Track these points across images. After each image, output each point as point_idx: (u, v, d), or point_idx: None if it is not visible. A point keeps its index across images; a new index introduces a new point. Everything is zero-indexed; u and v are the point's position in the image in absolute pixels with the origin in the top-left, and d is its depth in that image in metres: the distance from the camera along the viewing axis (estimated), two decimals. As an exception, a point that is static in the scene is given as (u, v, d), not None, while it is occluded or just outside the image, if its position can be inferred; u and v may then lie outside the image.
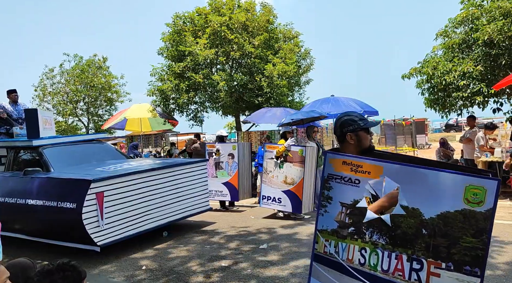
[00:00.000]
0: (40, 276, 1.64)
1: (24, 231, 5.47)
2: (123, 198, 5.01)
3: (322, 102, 9.49)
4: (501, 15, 8.40)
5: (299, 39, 14.06)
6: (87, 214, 4.60)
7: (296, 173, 6.52)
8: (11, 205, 5.35)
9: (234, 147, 7.87)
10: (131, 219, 5.13)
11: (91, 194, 4.63)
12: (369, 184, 1.81)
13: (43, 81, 20.86)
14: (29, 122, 6.16)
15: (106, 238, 4.82)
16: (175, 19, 13.29)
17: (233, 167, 7.82)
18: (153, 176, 5.46)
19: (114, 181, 4.92)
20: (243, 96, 12.78)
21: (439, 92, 9.31)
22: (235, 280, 4.04)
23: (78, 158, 6.10)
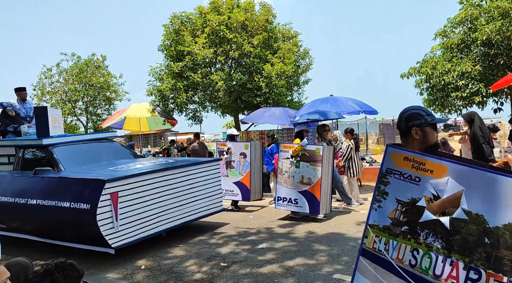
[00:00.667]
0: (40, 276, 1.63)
1: (35, 232, 5.31)
2: (137, 198, 4.88)
3: (321, 102, 9.47)
4: (500, 15, 8.42)
5: (298, 39, 14.06)
6: (101, 215, 4.45)
7: (313, 173, 6.31)
8: (21, 205, 5.18)
9: (246, 146, 7.72)
10: (146, 220, 4.98)
11: (106, 194, 4.48)
12: (431, 183, 1.71)
13: (42, 80, 20.82)
14: (39, 120, 6.00)
15: (120, 240, 4.67)
16: (173, 19, 13.28)
17: (245, 166, 7.69)
18: (167, 175, 5.31)
19: (128, 181, 4.77)
20: (242, 96, 12.78)
21: (438, 92, 9.33)
22: (233, 279, 4.04)
23: (88, 157, 5.95)
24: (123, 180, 4.70)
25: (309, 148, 6.38)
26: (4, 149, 6.09)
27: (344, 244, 5.02)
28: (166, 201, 5.26)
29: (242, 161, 7.72)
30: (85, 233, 4.70)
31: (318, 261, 4.43)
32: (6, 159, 6.03)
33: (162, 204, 5.20)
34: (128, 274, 4.40)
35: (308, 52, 14.17)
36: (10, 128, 6.72)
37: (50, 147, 5.62)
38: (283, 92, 12.65)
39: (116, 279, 4.29)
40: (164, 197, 5.23)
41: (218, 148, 8.09)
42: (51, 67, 20.75)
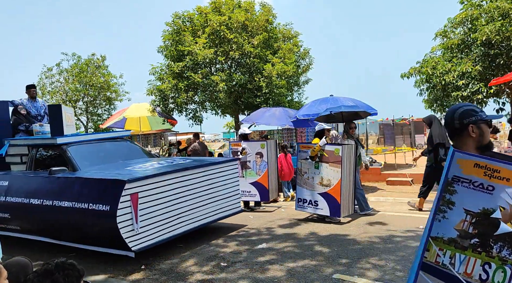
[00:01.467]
0: (40, 276, 1.63)
1: (50, 234, 5.12)
2: (157, 199, 4.70)
3: (321, 102, 9.48)
4: (500, 15, 8.43)
5: (298, 39, 14.07)
6: (121, 217, 4.26)
7: (332, 174, 6.05)
8: (36, 206, 5.00)
9: (262, 145, 7.51)
10: (165, 222, 4.80)
11: (126, 195, 4.30)
12: (507, 192, 1.58)
13: (42, 80, 20.84)
14: (53, 118, 5.80)
15: (140, 242, 4.49)
16: (175, 18, 13.29)
17: (262, 166, 7.50)
18: (187, 175, 5.15)
19: (148, 181, 4.60)
20: (242, 96, 12.79)
21: (438, 92, 9.34)
22: (233, 280, 4.05)
23: (103, 156, 5.79)
24: (143, 180, 4.53)
25: (328, 148, 6.14)
26: (17, 148, 5.94)
27: (344, 245, 5.02)
28: (185, 202, 5.10)
29: (259, 160, 7.51)
30: (104, 235, 4.53)
31: (318, 262, 4.43)
32: (18, 159, 5.89)
33: (182, 205, 5.04)
34: (128, 273, 4.41)
35: (308, 52, 14.19)
36: (21, 127, 6.57)
37: (64, 146, 5.47)
38: (283, 93, 12.65)
39: (116, 279, 4.30)
40: (183, 198, 5.07)
41: (231, 148, 7.86)
42: (51, 67, 20.79)
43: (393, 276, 3.91)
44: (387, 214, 6.74)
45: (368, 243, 5.03)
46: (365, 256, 4.53)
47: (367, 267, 4.19)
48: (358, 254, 4.62)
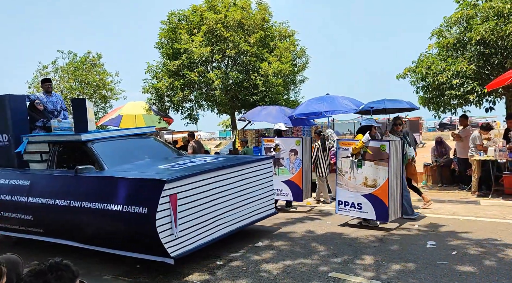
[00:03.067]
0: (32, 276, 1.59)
1: (77, 238, 4.75)
2: (195, 200, 4.38)
3: (317, 100, 9.51)
4: (495, 15, 8.47)
5: (294, 38, 14.07)
6: (160, 220, 3.94)
7: (378, 173, 5.50)
8: (62, 208, 4.65)
9: (297, 142, 7.14)
10: (203, 225, 4.49)
11: (165, 196, 3.97)
12: None
13: (37, 78, 20.70)
14: (77, 113, 5.38)
15: (179, 248, 4.17)
16: (170, 17, 13.25)
17: (296, 164, 7.13)
18: (225, 174, 4.83)
19: (187, 181, 4.26)
20: (239, 95, 12.78)
21: (433, 91, 9.38)
22: (230, 278, 4.05)
23: (129, 154, 5.44)
24: (182, 180, 4.19)
25: (372, 144, 5.61)
26: (36, 145, 5.59)
27: (340, 243, 5.04)
28: (223, 203, 4.77)
29: (293, 158, 7.15)
30: (140, 240, 4.18)
31: (314, 260, 4.45)
32: (37, 156, 5.56)
33: (219, 207, 4.72)
34: (124, 273, 4.40)
35: (305, 51, 14.20)
36: (39, 123, 6.21)
37: (89, 143, 5.14)
38: (280, 91, 12.66)
39: (112, 278, 4.29)
40: (221, 198, 4.75)
41: (264, 144, 7.50)
42: (47, 65, 20.64)
43: (389, 275, 3.93)
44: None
45: (364, 242, 5.05)
46: (360, 254, 4.56)
47: (363, 265, 4.21)
48: (354, 252, 4.64)
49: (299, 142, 7.15)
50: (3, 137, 5.86)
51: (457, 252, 4.46)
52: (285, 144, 7.27)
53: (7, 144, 5.81)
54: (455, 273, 3.85)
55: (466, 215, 6.16)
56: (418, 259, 4.28)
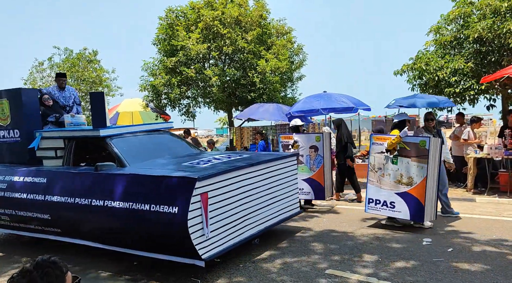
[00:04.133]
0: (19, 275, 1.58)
1: (97, 238, 4.51)
2: (225, 199, 4.19)
3: (314, 98, 9.49)
4: (492, 12, 8.50)
5: (292, 35, 14.06)
6: (192, 220, 3.74)
7: (416, 171, 5.18)
8: (83, 207, 4.39)
9: (317, 138, 6.83)
10: (232, 225, 4.30)
11: (196, 195, 3.78)
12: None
13: (33, 74, 20.58)
14: (95, 108, 5.13)
15: (210, 249, 3.98)
16: (168, 12, 13.20)
17: (317, 161, 6.82)
18: (253, 172, 4.62)
19: (218, 179, 4.08)
20: (236, 92, 12.76)
21: (431, 89, 9.41)
22: (226, 275, 4.06)
23: (149, 150, 5.20)
24: (213, 178, 4.01)
25: (410, 140, 5.29)
26: (50, 141, 5.34)
27: (337, 241, 5.06)
28: (252, 201, 4.59)
29: (313, 155, 6.84)
30: (168, 241, 3.96)
31: (311, 257, 4.46)
32: (52, 153, 5.31)
33: (248, 206, 4.53)
34: (121, 270, 4.40)
35: (302, 48, 14.19)
36: (51, 119, 5.99)
37: (108, 139, 4.89)
38: (277, 88, 12.66)
39: (110, 276, 4.28)
40: (250, 197, 4.56)
41: (281, 142, 7.19)
42: (42, 61, 20.53)
43: (386, 272, 3.95)
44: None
45: (361, 239, 5.07)
46: (358, 252, 4.57)
47: (360, 263, 4.23)
48: (351, 250, 4.66)
49: (319, 138, 6.83)
50: (14, 133, 5.64)
51: (453, 249, 4.48)
52: (304, 140, 6.98)
53: (19, 139, 5.59)
54: (451, 270, 3.87)
55: (462, 212, 6.20)
56: (414, 256, 4.30)
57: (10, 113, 5.60)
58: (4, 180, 5.19)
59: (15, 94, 5.59)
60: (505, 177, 7.39)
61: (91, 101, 5.18)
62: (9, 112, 5.61)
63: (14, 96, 5.58)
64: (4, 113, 5.67)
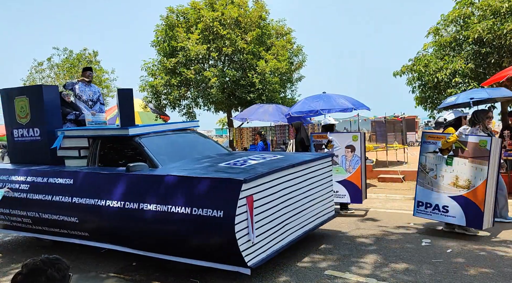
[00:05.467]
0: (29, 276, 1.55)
1: (130, 243, 4.22)
2: (268, 202, 3.95)
3: (314, 99, 9.49)
4: (492, 13, 8.50)
5: (291, 36, 14.06)
6: (239, 225, 3.50)
7: (474, 173, 4.75)
8: (114, 209, 4.14)
9: (355, 137, 6.45)
10: (275, 230, 4.06)
11: (243, 198, 3.54)
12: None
13: (32, 75, 20.59)
14: (123, 105, 4.81)
15: (256, 255, 3.74)
16: (169, 12, 13.21)
17: (354, 161, 6.45)
18: (293, 173, 4.38)
19: (262, 181, 3.85)
20: (235, 93, 12.76)
21: (430, 90, 9.42)
22: (224, 276, 4.04)
23: (178, 149, 4.96)
24: (259, 179, 3.76)
25: (467, 139, 4.84)
26: (74, 141, 5.08)
27: (336, 241, 5.05)
28: (292, 205, 4.35)
29: (349, 155, 6.48)
30: (212, 247, 3.71)
31: (310, 258, 4.45)
32: (75, 152, 5.06)
33: (289, 209, 4.29)
34: (119, 270, 4.38)
35: (301, 49, 14.20)
36: (71, 116, 5.78)
37: (136, 138, 4.64)
38: (277, 89, 12.66)
39: (108, 276, 4.27)
40: (290, 200, 4.31)
41: (314, 141, 6.80)
42: (42, 62, 20.53)
43: (385, 273, 3.94)
44: (379, 210, 6.79)
45: (360, 240, 5.06)
46: (356, 252, 4.56)
47: (359, 263, 4.21)
48: (350, 250, 4.65)
49: (356, 137, 6.44)
50: (34, 132, 5.42)
51: (452, 250, 4.47)
52: (340, 139, 6.59)
53: (39, 138, 5.36)
54: (450, 271, 3.86)
55: (462, 213, 6.19)
56: (414, 257, 4.29)
57: (30, 111, 5.39)
58: (26, 180, 4.94)
59: (35, 91, 5.39)
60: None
61: (119, 98, 4.82)
62: (29, 110, 5.40)
63: (34, 93, 5.37)
64: (24, 111, 5.45)
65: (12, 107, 5.53)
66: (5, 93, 5.63)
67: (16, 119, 5.52)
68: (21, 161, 5.57)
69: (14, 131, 5.57)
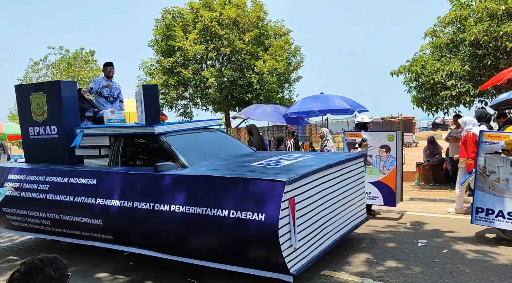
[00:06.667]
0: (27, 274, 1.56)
1: (159, 247, 4.00)
2: (308, 205, 3.72)
3: (311, 99, 9.52)
4: (488, 16, 8.55)
5: (289, 37, 14.09)
6: (282, 229, 3.29)
7: None
8: (142, 211, 3.91)
9: (390, 137, 6.10)
10: (314, 234, 3.84)
11: (285, 200, 3.33)
12: None
13: (29, 74, 20.52)
14: (148, 102, 4.52)
15: (297, 262, 3.50)
16: (164, 14, 13.21)
17: (389, 162, 6.13)
18: (330, 174, 4.15)
19: (304, 182, 3.63)
20: (233, 93, 12.78)
21: (427, 91, 9.46)
22: (222, 276, 4.05)
23: (205, 149, 4.74)
24: (299, 181, 3.54)
25: None
26: (94, 139, 4.85)
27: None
28: (329, 207, 4.12)
29: (384, 155, 6.15)
30: (251, 253, 3.46)
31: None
32: (95, 151, 4.83)
33: (326, 212, 4.06)
34: (117, 270, 4.38)
35: (299, 50, 14.24)
36: (89, 113, 5.58)
37: (162, 137, 4.42)
38: (275, 89, 12.69)
39: (106, 276, 4.27)
40: (327, 202, 4.08)
41: (347, 139, 6.53)
42: (38, 61, 20.47)
43: (381, 273, 3.96)
44: (376, 210, 6.81)
45: (356, 239, 5.08)
46: (352, 252, 4.58)
47: (355, 263, 4.23)
48: (346, 250, 4.66)
49: (392, 137, 6.10)
50: (51, 130, 5.17)
51: (448, 250, 4.50)
52: (374, 138, 6.26)
53: (56, 137, 5.12)
54: (445, 271, 3.89)
55: (457, 213, 6.22)
56: (410, 257, 4.32)
57: (47, 108, 5.15)
58: (45, 180, 4.71)
59: (53, 87, 5.14)
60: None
61: (144, 94, 4.53)
62: (46, 107, 5.15)
63: (52, 89, 5.13)
64: (40, 108, 5.21)
65: (28, 104, 5.29)
66: (21, 90, 5.42)
67: (32, 117, 5.28)
68: (36, 159, 5.35)
69: (29, 129, 5.33)
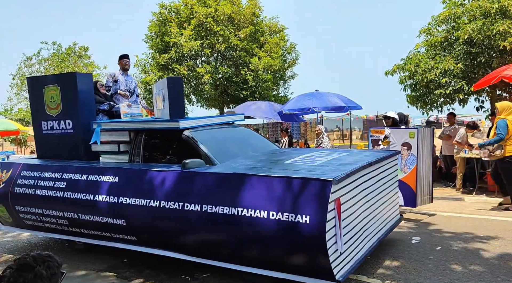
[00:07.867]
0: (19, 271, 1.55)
1: (191, 250, 3.74)
2: (351, 206, 3.44)
3: (307, 97, 9.54)
4: (482, 14, 8.61)
5: (284, 33, 14.08)
6: (329, 232, 3.02)
7: None
8: (171, 211, 3.66)
9: (411, 134, 5.87)
10: (356, 237, 3.56)
11: (332, 201, 3.06)
12: None
13: (22, 69, 20.32)
14: (173, 95, 4.24)
15: (342, 267, 3.24)
16: (160, 8, 13.13)
17: (410, 161, 5.88)
18: (370, 173, 3.86)
19: (348, 181, 3.35)
20: (228, 90, 12.75)
21: (421, 89, 9.52)
22: (212, 274, 4.05)
23: (231, 145, 4.49)
24: (345, 180, 3.26)
25: None
26: (112, 134, 4.57)
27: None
28: (369, 208, 3.84)
29: (405, 153, 5.91)
30: (294, 257, 3.17)
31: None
32: (114, 147, 4.54)
33: (367, 214, 3.79)
34: (110, 267, 4.36)
35: (295, 47, 14.23)
36: (104, 107, 5.34)
37: (187, 132, 4.16)
38: (270, 87, 12.69)
39: (98, 273, 4.25)
40: (368, 203, 3.80)
41: (371, 136, 6.37)
42: (31, 56, 20.27)
43: (374, 270, 3.98)
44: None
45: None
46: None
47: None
48: (341, 247, 4.68)
49: (413, 134, 5.86)
50: (66, 124, 4.92)
51: (441, 247, 4.53)
52: (397, 136, 5.99)
53: (72, 131, 4.87)
54: (439, 268, 3.92)
55: (451, 211, 6.27)
56: (403, 255, 4.34)
57: (62, 102, 4.89)
58: (62, 178, 4.45)
59: (69, 79, 4.91)
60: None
61: (168, 87, 4.24)
62: (60, 101, 4.89)
63: (67, 82, 4.89)
64: (54, 102, 4.95)
65: (41, 97, 5.01)
66: (34, 82, 5.18)
67: (45, 110, 5.02)
68: (50, 155, 5.11)
69: (42, 123, 5.06)
